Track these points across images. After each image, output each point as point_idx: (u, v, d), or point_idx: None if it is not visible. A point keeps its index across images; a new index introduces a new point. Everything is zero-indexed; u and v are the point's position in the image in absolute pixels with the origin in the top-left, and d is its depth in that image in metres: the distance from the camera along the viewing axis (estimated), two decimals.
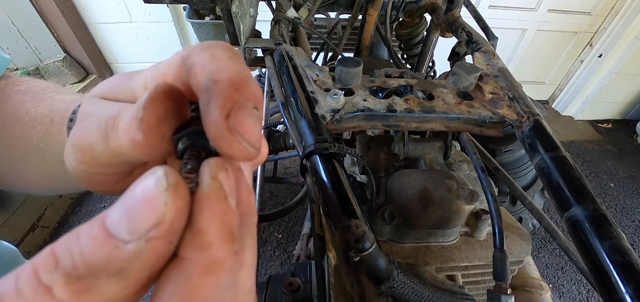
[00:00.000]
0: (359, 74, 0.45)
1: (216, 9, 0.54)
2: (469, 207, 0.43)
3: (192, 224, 0.10)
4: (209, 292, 0.10)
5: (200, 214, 0.10)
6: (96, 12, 1.94)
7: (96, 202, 1.70)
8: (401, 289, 0.29)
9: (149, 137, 0.12)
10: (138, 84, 0.15)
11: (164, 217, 0.09)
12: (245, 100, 0.11)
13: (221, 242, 0.10)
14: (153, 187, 0.10)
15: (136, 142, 0.12)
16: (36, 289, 0.09)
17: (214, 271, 0.10)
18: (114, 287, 0.09)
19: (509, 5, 2.16)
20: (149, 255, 0.09)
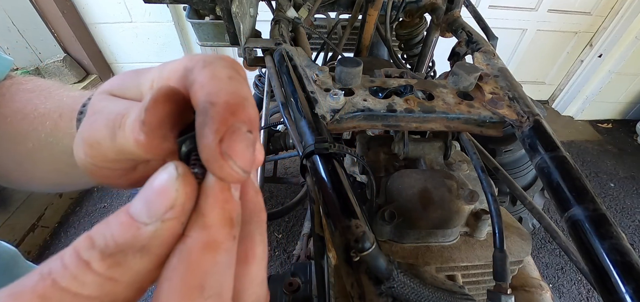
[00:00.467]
0: (359, 74, 0.45)
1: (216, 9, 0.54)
2: (469, 207, 0.43)
3: (197, 209, 0.12)
4: (206, 266, 0.11)
5: (204, 200, 0.12)
6: (96, 12, 1.94)
7: (96, 202, 1.70)
8: (401, 289, 0.29)
9: (150, 138, 0.12)
10: (145, 82, 0.16)
11: (176, 201, 0.11)
12: (239, 124, 0.12)
13: (221, 225, 0.12)
14: (166, 179, 0.12)
15: (139, 142, 0.13)
16: (78, 264, 0.11)
17: (213, 249, 0.11)
18: (138, 262, 0.11)
19: (509, 5, 2.16)
20: (165, 234, 0.11)
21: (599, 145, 2.38)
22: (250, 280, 0.12)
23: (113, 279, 0.11)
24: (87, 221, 1.61)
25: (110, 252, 0.11)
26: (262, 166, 1.31)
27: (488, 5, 2.13)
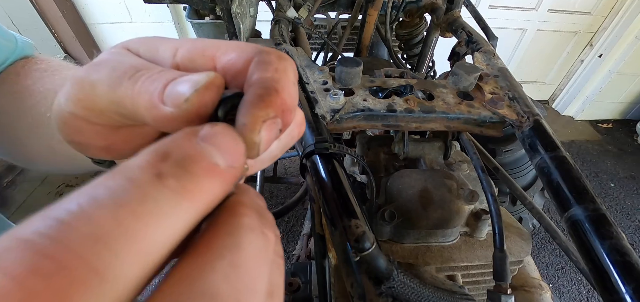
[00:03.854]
0: (359, 74, 0.45)
1: (216, 9, 0.54)
2: (469, 207, 0.43)
3: None
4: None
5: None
6: (96, 12, 1.94)
7: None
8: (401, 289, 0.29)
9: (182, 116, 0.11)
10: (166, 50, 0.15)
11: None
12: (273, 115, 0.12)
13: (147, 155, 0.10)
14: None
15: (162, 112, 0.11)
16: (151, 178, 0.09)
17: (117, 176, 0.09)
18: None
19: (509, 5, 2.16)
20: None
21: (599, 145, 2.38)
22: (180, 278, 0.08)
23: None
24: None
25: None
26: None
27: (488, 5, 2.13)
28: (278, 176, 1.53)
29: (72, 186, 1.72)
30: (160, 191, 0.08)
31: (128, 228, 0.08)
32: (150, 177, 0.08)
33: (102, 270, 0.07)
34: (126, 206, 0.08)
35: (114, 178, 0.08)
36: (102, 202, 0.08)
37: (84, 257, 0.07)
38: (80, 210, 0.07)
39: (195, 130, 0.11)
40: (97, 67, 0.14)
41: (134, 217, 0.08)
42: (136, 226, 0.08)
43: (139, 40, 0.16)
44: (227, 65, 0.13)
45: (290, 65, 0.13)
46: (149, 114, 0.12)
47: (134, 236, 0.08)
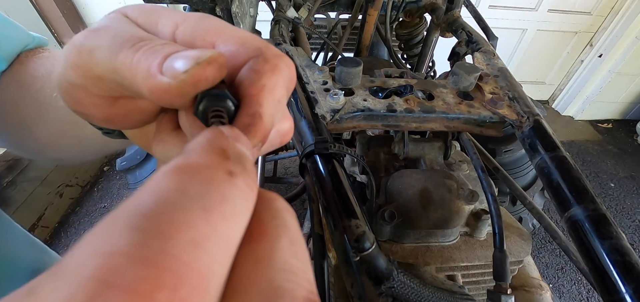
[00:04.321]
0: (359, 74, 0.45)
1: (216, 9, 0.54)
2: (469, 207, 0.43)
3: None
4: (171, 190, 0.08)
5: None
6: (96, 12, 1.94)
7: (96, 202, 1.70)
8: (401, 289, 0.29)
9: (177, 88, 0.11)
10: (166, 25, 0.14)
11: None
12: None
13: (203, 150, 0.09)
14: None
15: (158, 82, 0.11)
16: (225, 177, 0.09)
17: (181, 171, 0.09)
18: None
19: (509, 5, 2.16)
20: None
21: (599, 145, 2.38)
22: (257, 263, 0.09)
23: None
24: (87, 220, 1.61)
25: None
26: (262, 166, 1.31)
27: (488, 5, 2.13)
28: (278, 176, 1.53)
29: (72, 186, 1.72)
30: (233, 191, 0.09)
31: (217, 230, 0.08)
32: (224, 177, 0.09)
33: (206, 274, 0.07)
34: (214, 209, 0.08)
35: (189, 181, 0.08)
36: (190, 207, 0.07)
37: (191, 264, 0.07)
38: (172, 218, 0.07)
39: (223, 131, 0.11)
40: (97, 33, 0.13)
41: (221, 219, 0.08)
42: (224, 227, 0.08)
43: (138, 8, 0.15)
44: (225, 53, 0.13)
45: (282, 78, 0.13)
46: (145, 83, 0.12)
47: (222, 236, 0.08)
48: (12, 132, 0.31)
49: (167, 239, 0.07)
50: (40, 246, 0.41)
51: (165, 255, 0.06)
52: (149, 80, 0.12)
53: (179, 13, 0.15)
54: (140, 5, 0.16)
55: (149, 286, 0.06)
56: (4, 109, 0.29)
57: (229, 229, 0.08)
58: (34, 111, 0.28)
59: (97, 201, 1.71)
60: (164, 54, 0.12)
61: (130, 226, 0.07)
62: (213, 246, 0.07)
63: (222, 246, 0.08)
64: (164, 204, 0.07)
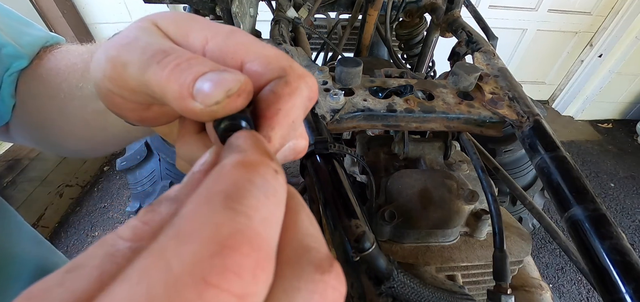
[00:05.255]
0: (359, 74, 0.45)
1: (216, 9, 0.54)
2: (469, 207, 0.43)
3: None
4: (236, 178, 0.11)
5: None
6: (96, 12, 1.94)
7: (96, 202, 1.70)
8: (401, 289, 0.29)
9: (208, 114, 0.13)
10: (197, 38, 0.15)
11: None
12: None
13: (255, 150, 0.12)
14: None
15: (191, 107, 0.12)
16: (273, 175, 0.11)
17: (245, 166, 0.11)
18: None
19: (509, 5, 2.16)
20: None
21: (599, 145, 2.38)
22: (285, 229, 0.11)
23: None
24: (87, 220, 1.61)
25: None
26: None
27: (488, 5, 2.13)
28: None
29: (72, 186, 1.72)
30: (278, 184, 0.11)
31: (274, 212, 0.10)
32: (273, 174, 0.11)
33: (271, 241, 0.10)
34: (271, 197, 0.10)
35: (254, 175, 0.11)
36: (258, 196, 0.10)
37: (263, 235, 0.10)
38: (250, 203, 0.10)
39: (258, 136, 0.13)
40: (128, 47, 0.14)
41: (275, 204, 0.11)
42: (276, 209, 0.11)
43: (170, 17, 0.16)
44: (250, 75, 0.14)
45: (299, 100, 0.14)
46: (177, 104, 0.13)
47: (276, 216, 0.11)
48: (35, 126, 0.32)
49: (250, 218, 0.09)
50: (47, 245, 0.42)
51: (251, 229, 0.09)
52: (180, 102, 0.13)
53: (209, 26, 0.15)
54: (172, 15, 0.16)
55: (246, 248, 0.09)
56: (27, 103, 0.30)
57: (279, 211, 0.11)
58: (56, 104, 0.29)
59: (97, 201, 1.71)
60: (193, 76, 0.12)
61: (224, 206, 0.09)
62: (273, 222, 0.10)
63: (276, 222, 0.11)
64: (241, 189, 0.10)
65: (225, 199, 0.09)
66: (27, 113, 0.31)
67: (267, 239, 0.10)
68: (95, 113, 0.27)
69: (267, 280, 0.09)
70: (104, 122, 0.28)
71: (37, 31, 0.32)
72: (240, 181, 0.10)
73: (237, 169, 0.10)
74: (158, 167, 1.18)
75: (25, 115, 0.31)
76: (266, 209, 0.10)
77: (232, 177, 0.10)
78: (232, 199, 0.10)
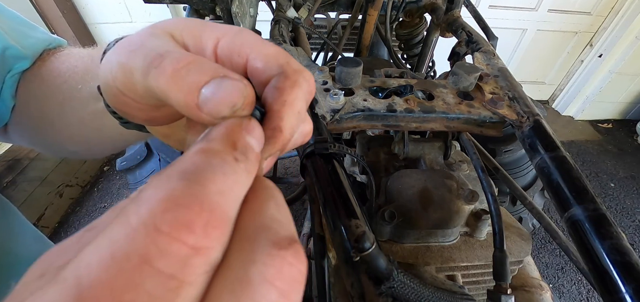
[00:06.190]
0: (359, 74, 0.45)
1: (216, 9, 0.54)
2: (469, 207, 0.43)
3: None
4: (195, 160, 0.12)
5: (215, 127, 0.13)
6: (96, 12, 1.94)
7: (96, 202, 1.70)
8: (401, 289, 0.29)
9: (214, 122, 0.13)
10: (209, 39, 0.16)
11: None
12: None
13: (220, 140, 0.13)
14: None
15: (199, 116, 0.13)
16: (233, 161, 0.12)
17: (206, 152, 0.12)
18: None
19: (509, 5, 2.16)
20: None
21: (599, 145, 2.38)
22: (252, 212, 0.12)
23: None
24: (87, 220, 1.61)
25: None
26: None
27: (488, 5, 2.13)
28: (278, 176, 1.53)
29: (72, 186, 1.72)
30: (237, 168, 0.12)
31: (231, 188, 0.11)
32: (232, 160, 0.12)
33: (226, 212, 0.11)
34: (228, 176, 0.11)
35: (212, 158, 0.12)
36: (214, 171, 0.11)
37: (218, 203, 0.10)
38: (205, 176, 0.11)
39: (242, 124, 0.13)
40: (134, 54, 0.15)
41: (233, 182, 0.12)
42: (234, 187, 0.12)
43: (182, 25, 0.17)
44: (252, 70, 0.16)
45: (301, 92, 0.15)
46: (185, 112, 0.14)
47: (233, 192, 0.12)
48: (34, 127, 0.32)
49: (204, 187, 0.10)
50: (49, 244, 0.42)
51: (204, 194, 0.10)
52: (189, 110, 0.13)
53: (219, 27, 0.17)
54: (183, 21, 0.17)
55: (197, 208, 0.10)
56: (28, 104, 0.31)
57: (237, 190, 0.12)
58: (57, 105, 0.29)
59: (97, 201, 1.71)
60: (196, 86, 0.13)
61: (181, 178, 0.10)
62: (230, 196, 0.11)
63: (233, 197, 0.12)
64: (199, 168, 0.11)
65: (181, 173, 0.11)
66: (27, 114, 0.31)
67: (221, 205, 0.11)
68: (92, 114, 0.28)
69: (221, 239, 0.10)
70: (100, 124, 0.28)
71: (40, 34, 0.32)
72: (198, 162, 0.11)
73: (198, 153, 0.12)
74: (158, 167, 1.18)
75: (25, 116, 0.31)
76: (222, 183, 0.11)
77: (192, 159, 0.11)
78: (188, 172, 0.11)
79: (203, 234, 0.10)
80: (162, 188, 0.10)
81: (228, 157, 0.12)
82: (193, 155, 0.12)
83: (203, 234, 0.10)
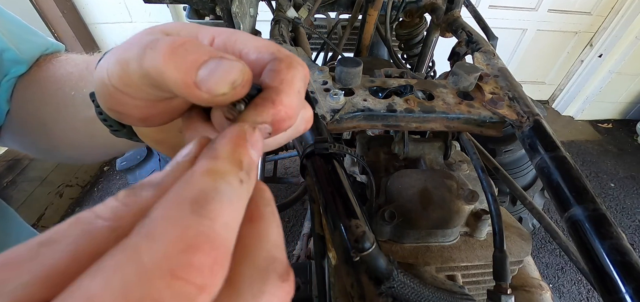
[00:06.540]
0: (359, 74, 0.45)
1: (216, 9, 0.54)
2: (469, 207, 0.43)
3: (211, 144, 0.13)
4: (204, 185, 0.12)
5: (220, 138, 0.13)
6: (96, 12, 1.94)
7: (96, 202, 1.70)
8: (401, 289, 0.29)
9: (213, 102, 0.14)
10: (205, 37, 0.17)
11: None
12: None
13: (228, 159, 0.13)
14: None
15: (197, 95, 0.13)
16: (238, 183, 0.12)
17: (214, 174, 0.12)
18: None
19: (509, 5, 2.16)
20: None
21: (599, 145, 2.38)
22: (258, 237, 0.13)
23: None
24: None
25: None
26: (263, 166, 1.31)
27: (488, 5, 2.13)
28: (278, 176, 1.53)
29: (72, 186, 1.72)
30: (242, 192, 0.12)
31: (235, 217, 0.12)
32: (238, 183, 0.12)
33: (229, 242, 0.11)
34: (234, 203, 0.12)
35: (220, 183, 0.12)
36: (222, 201, 0.11)
37: (224, 237, 0.11)
38: (213, 208, 0.11)
39: (246, 137, 0.13)
40: (131, 46, 0.15)
41: (238, 210, 0.12)
42: (238, 213, 0.12)
43: (179, 25, 0.18)
44: (247, 63, 0.16)
45: (298, 73, 0.16)
46: (181, 91, 0.14)
47: (239, 217, 0.12)
48: (29, 132, 0.32)
49: (213, 221, 0.11)
50: None
51: (213, 231, 0.10)
52: (185, 90, 0.13)
53: (214, 28, 0.17)
54: (180, 23, 0.18)
55: (207, 247, 0.10)
56: (23, 108, 0.31)
57: (238, 217, 0.12)
58: (52, 110, 0.29)
59: (97, 201, 1.71)
60: (195, 64, 0.13)
61: (191, 211, 0.10)
62: (233, 226, 0.11)
63: (236, 226, 0.12)
64: (208, 196, 0.11)
65: (192, 204, 0.11)
66: (21, 118, 0.31)
67: (225, 240, 0.11)
68: (84, 122, 0.28)
69: (223, 274, 0.11)
70: (92, 131, 0.29)
71: (38, 39, 0.32)
72: (207, 188, 0.11)
73: (205, 176, 0.12)
74: (158, 167, 1.18)
75: (19, 120, 0.31)
76: (228, 214, 0.11)
77: (200, 184, 0.11)
78: (198, 204, 0.11)
79: (210, 274, 0.10)
80: (175, 222, 0.10)
81: (234, 181, 0.12)
82: (201, 177, 0.12)
83: (210, 273, 0.10)
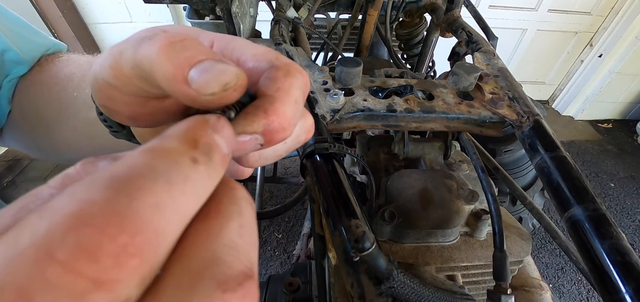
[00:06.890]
0: (359, 74, 0.45)
1: (216, 9, 0.54)
2: (469, 207, 0.43)
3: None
4: (139, 166, 0.10)
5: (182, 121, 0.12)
6: (96, 12, 1.94)
7: None
8: (401, 289, 0.29)
9: (201, 100, 0.12)
10: (205, 41, 0.16)
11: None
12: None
13: (176, 137, 0.11)
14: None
15: (185, 91, 0.12)
16: (189, 162, 0.10)
17: (152, 152, 0.10)
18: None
19: (509, 5, 2.16)
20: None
21: (599, 145, 2.38)
22: (206, 235, 0.10)
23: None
24: None
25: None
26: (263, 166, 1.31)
27: (488, 5, 2.13)
28: (278, 176, 1.53)
29: None
30: (194, 174, 0.10)
31: (175, 201, 0.09)
32: (188, 162, 0.10)
33: (160, 232, 0.09)
34: (175, 185, 0.10)
35: (159, 160, 0.10)
36: (155, 179, 0.09)
37: (149, 222, 0.09)
38: (140, 185, 0.09)
39: (208, 121, 0.12)
40: (128, 39, 0.15)
41: (180, 194, 0.10)
42: (181, 199, 0.10)
43: (178, 27, 0.17)
44: (245, 71, 0.15)
45: (296, 81, 0.15)
46: (169, 84, 0.12)
47: (179, 207, 0.10)
48: (31, 132, 0.32)
49: (133, 199, 0.08)
50: None
51: (130, 210, 0.08)
52: (173, 83, 0.12)
53: (214, 33, 0.17)
54: (180, 26, 0.17)
55: (113, 229, 0.08)
56: (25, 108, 0.31)
57: (185, 202, 0.10)
58: (54, 110, 0.29)
59: None
60: (189, 61, 0.12)
61: (106, 186, 0.08)
62: (170, 212, 0.09)
63: (177, 214, 0.09)
64: (135, 173, 0.09)
65: (108, 179, 0.09)
66: (23, 118, 0.31)
67: (153, 227, 0.09)
68: (85, 123, 0.28)
69: (142, 270, 0.08)
70: (92, 133, 0.29)
71: (40, 39, 0.32)
72: (138, 165, 0.09)
73: (142, 154, 0.10)
74: None
75: (21, 120, 0.31)
76: (162, 195, 0.09)
77: (132, 161, 0.09)
78: (117, 179, 0.09)
79: (112, 264, 0.07)
80: (77, 195, 0.08)
81: (182, 158, 0.10)
82: (136, 155, 0.10)
83: (112, 263, 0.07)
